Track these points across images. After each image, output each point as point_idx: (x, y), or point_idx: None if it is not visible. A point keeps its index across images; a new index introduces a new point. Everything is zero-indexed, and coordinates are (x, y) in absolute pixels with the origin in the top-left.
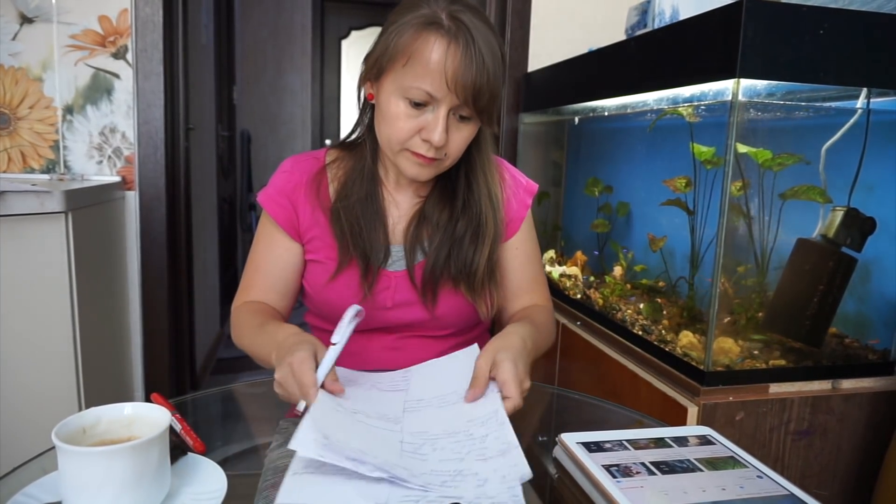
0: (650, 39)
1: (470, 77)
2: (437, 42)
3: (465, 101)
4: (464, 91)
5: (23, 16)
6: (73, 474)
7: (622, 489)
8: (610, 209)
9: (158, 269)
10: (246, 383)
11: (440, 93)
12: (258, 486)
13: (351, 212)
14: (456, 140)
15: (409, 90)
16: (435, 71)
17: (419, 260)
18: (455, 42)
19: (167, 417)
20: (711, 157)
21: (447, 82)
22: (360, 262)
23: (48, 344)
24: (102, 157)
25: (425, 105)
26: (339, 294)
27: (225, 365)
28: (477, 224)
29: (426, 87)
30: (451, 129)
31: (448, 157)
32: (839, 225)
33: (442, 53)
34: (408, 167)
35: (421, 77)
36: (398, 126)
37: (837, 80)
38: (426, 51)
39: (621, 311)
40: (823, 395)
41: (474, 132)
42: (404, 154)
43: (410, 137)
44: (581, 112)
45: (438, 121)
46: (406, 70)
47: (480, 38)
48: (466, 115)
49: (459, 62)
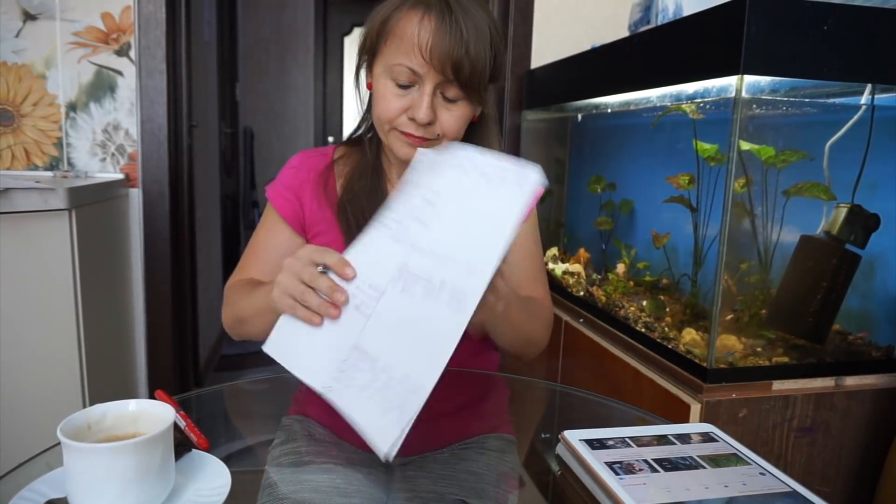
0: (653, 36)
1: (445, 48)
2: (413, 15)
3: (444, 74)
4: (440, 63)
5: (26, 13)
6: (79, 470)
7: (625, 486)
8: (613, 206)
9: (162, 265)
10: (249, 380)
11: (421, 68)
12: (261, 482)
13: (357, 205)
14: (447, 119)
15: (393, 69)
16: (412, 45)
17: None
18: (429, 13)
19: (171, 414)
20: (715, 153)
21: (423, 54)
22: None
23: (52, 341)
24: (106, 155)
25: (411, 85)
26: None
27: (228, 362)
28: None
29: (406, 62)
30: (439, 108)
31: (445, 137)
32: (843, 221)
33: (417, 25)
34: (399, 147)
35: (403, 52)
36: (385, 105)
37: (841, 76)
38: (405, 25)
39: (624, 308)
40: (826, 392)
41: (467, 113)
42: (394, 134)
43: (398, 116)
44: (584, 109)
45: (423, 97)
46: (390, 47)
47: (460, 10)
48: (452, 98)
49: (434, 32)
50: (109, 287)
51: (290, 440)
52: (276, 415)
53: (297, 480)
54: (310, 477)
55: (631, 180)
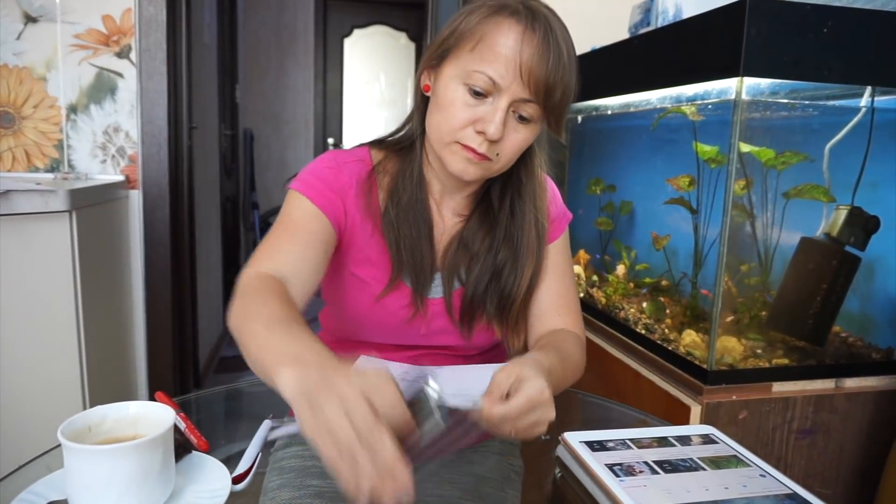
0: (653, 38)
1: (545, 68)
2: (512, 26)
3: (535, 94)
4: (536, 83)
5: (27, 15)
6: (79, 472)
7: (625, 488)
8: (613, 208)
9: (162, 267)
10: (250, 382)
11: (506, 81)
12: (262, 485)
13: (403, 222)
14: (511, 141)
15: (471, 75)
16: (506, 56)
17: (456, 287)
18: (531, 29)
19: (171, 416)
20: (715, 155)
21: (520, 70)
22: (410, 281)
23: (53, 342)
24: (106, 157)
25: (485, 96)
26: (387, 317)
27: (228, 363)
28: (517, 253)
29: (491, 72)
30: (508, 127)
31: (500, 160)
32: (843, 223)
33: (517, 38)
34: (454, 162)
35: (489, 61)
36: (452, 113)
37: (841, 78)
38: (499, 34)
39: (624, 309)
40: (827, 393)
41: (532, 138)
42: (453, 147)
43: (463, 128)
44: (584, 111)
45: (497, 112)
46: (473, 54)
47: (561, 33)
48: (527, 117)
49: (535, 50)
50: (110, 289)
51: (294, 443)
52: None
53: (301, 485)
54: (314, 482)
55: (631, 182)
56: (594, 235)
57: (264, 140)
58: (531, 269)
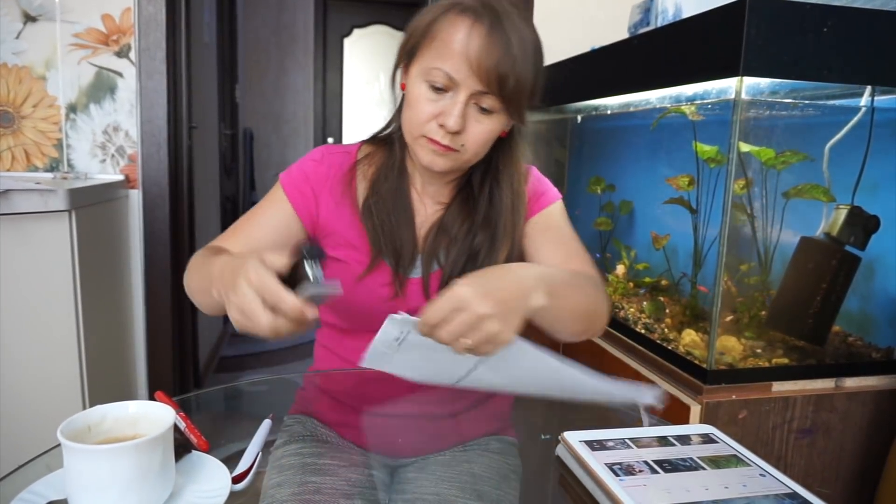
0: (653, 37)
1: (493, 59)
2: (461, 21)
3: (487, 85)
4: (486, 74)
5: (26, 14)
6: (79, 472)
7: (625, 487)
8: (612, 207)
9: (162, 267)
10: (249, 381)
11: (459, 74)
12: (264, 483)
13: (382, 208)
14: (475, 132)
15: (430, 72)
16: (456, 51)
17: (434, 269)
18: (479, 22)
19: (171, 415)
20: (714, 155)
21: (469, 63)
22: (391, 262)
23: (52, 342)
24: (106, 156)
25: (445, 90)
26: (367, 296)
27: (228, 363)
28: (493, 237)
29: (446, 67)
30: (470, 119)
31: (467, 151)
32: (843, 223)
33: (465, 33)
34: (423, 154)
35: (442, 57)
36: (417, 109)
37: (841, 78)
38: (452, 30)
39: (624, 309)
40: (826, 393)
41: (497, 128)
42: (420, 141)
43: (428, 122)
44: (584, 110)
45: (456, 105)
46: (430, 52)
47: (509, 22)
48: (488, 108)
49: (482, 42)
50: (109, 288)
51: (291, 441)
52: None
53: (300, 482)
54: (313, 479)
55: (630, 182)
56: (594, 235)
57: (264, 139)
58: (506, 250)
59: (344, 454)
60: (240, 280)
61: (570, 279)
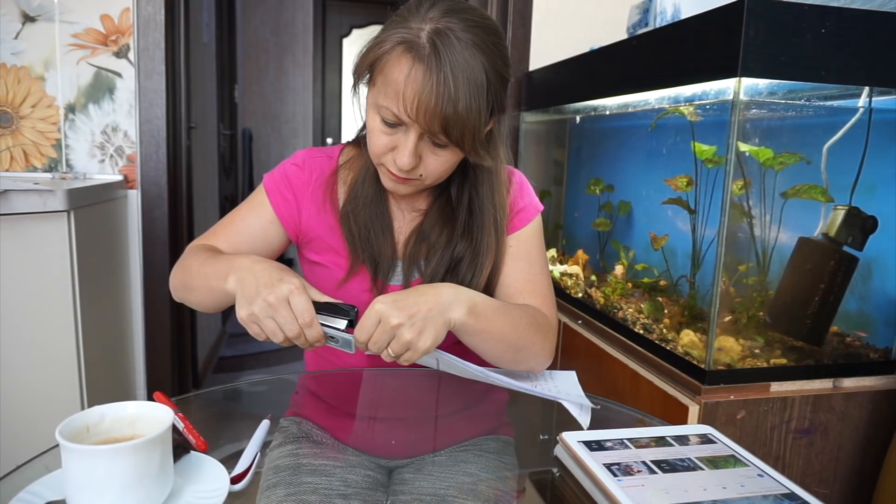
0: (652, 38)
1: (431, 105)
2: (404, 60)
3: (429, 129)
4: (428, 118)
5: (25, 15)
6: (77, 472)
7: (623, 488)
8: (611, 208)
9: (160, 267)
10: (248, 382)
11: (405, 117)
12: (260, 484)
13: (359, 216)
14: (433, 164)
15: (380, 108)
16: (399, 93)
17: (416, 277)
18: (418, 64)
19: (170, 416)
20: (713, 155)
21: (411, 107)
22: (370, 269)
23: (51, 342)
24: (104, 156)
25: (397, 125)
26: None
27: (227, 363)
28: (476, 249)
29: (394, 108)
30: (425, 153)
31: (428, 177)
32: (841, 224)
33: (406, 74)
34: (385, 181)
35: (388, 97)
36: (374, 140)
37: (839, 78)
38: (395, 69)
39: (622, 309)
40: (824, 393)
41: (455, 157)
42: (381, 168)
43: (384, 154)
44: (582, 111)
45: (407, 143)
46: (379, 87)
47: (450, 59)
48: (441, 143)
49: (420, 88)
50: (108, 288)
51: (287, 442)
52: (275, 416)
53: (296, 483)
54: (308, 479)
55: (629, 182)
56: (593, 235)
57: (263, 140)
58: (490, 266)
59: (340, 455)
60: (282, 302)
61: (501, 306)
